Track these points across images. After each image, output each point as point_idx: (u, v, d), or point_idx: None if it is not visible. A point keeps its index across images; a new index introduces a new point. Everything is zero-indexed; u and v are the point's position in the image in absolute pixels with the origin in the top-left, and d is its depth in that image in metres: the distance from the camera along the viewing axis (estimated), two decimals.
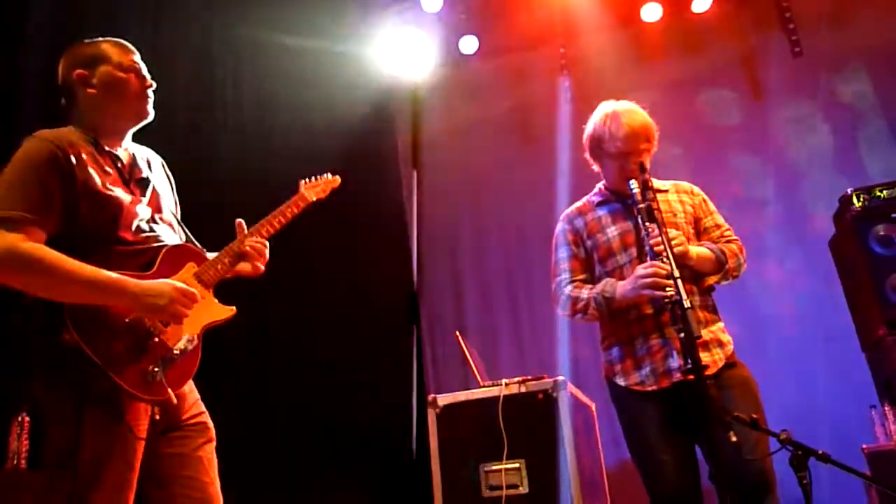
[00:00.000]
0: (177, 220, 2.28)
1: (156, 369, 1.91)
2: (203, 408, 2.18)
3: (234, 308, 2.18)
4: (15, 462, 2.95)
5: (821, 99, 5.22)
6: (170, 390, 1.92)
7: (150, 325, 1.94)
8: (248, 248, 2.26)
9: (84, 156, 2.00)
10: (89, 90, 2.10)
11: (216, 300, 2.17)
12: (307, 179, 2.64)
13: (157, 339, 1.95)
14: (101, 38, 2.19)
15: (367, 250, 4.96)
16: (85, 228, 1.94)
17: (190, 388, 2.16)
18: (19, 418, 2.96)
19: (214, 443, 2.16)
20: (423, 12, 5.38)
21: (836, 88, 5.21)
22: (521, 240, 5.59)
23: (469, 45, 5.66)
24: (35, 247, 1.83)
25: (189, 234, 2.27)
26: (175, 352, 1.98)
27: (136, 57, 2.20)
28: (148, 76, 2.19)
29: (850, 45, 5.17)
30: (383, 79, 5.83)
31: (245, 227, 2.33)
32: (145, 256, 2.03)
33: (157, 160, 2.32)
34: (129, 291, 1.88)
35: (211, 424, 2.17)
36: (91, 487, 1.81)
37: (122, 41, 2.20)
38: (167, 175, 2.35)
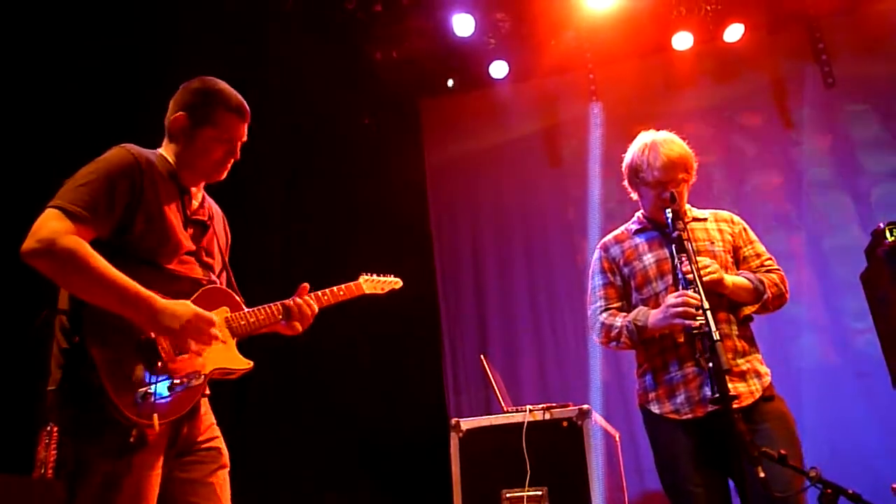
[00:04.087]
0: (226, 270, 2.30)
1: (149, 392, 1.87)
2: (218, 433, 2.16)
3: (251, 362, 2.16)
4: (42, 471, 2.99)
5: (853, 130, 5.17)
6: (155, 417, 1.86)
7: (160, 349, 1.93)
8: (294, 305, 2.27)
9: (157, 179, 2.06)
10: (182, 135, 2.15)
11: (237, 350, 2.16)
12: (368, 274, 2.69)
13: (161, 364, 1.92)
14: (222, 88, 2.18)
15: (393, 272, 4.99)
16: (134, 243, 1.98)
17: (206, 411, 2.15)
18: (48, 428, 3.01)
19: (228, 469, 2.13)
20: (454, 36, 5.43)
21: (869, 119, 5.16)
22: (545, 264, 5.57)
23: (499, 69, 5.71)
24: (77, 241, 1.86)
25: (235, 285, 2.30)
26: (175, 382, 1.94)
27: (244, 126, 2.21)
28: (238, 148, 2.21)
29: (884, 77, 5.13)
30: (414, 101, 5.91)
31: (308, 290, 2.35)
32: (183, 286, 2.05)
33: (220, 214, 2.37)
34: (151, 307, 1.89)
35: (225, 450, 2.14)
36: (107, 499, 1.82)
37: (239, 104, 2.19)
38: (226, 231, 2.39)
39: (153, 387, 1.89)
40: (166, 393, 1.92)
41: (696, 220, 2.75)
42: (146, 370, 1.90)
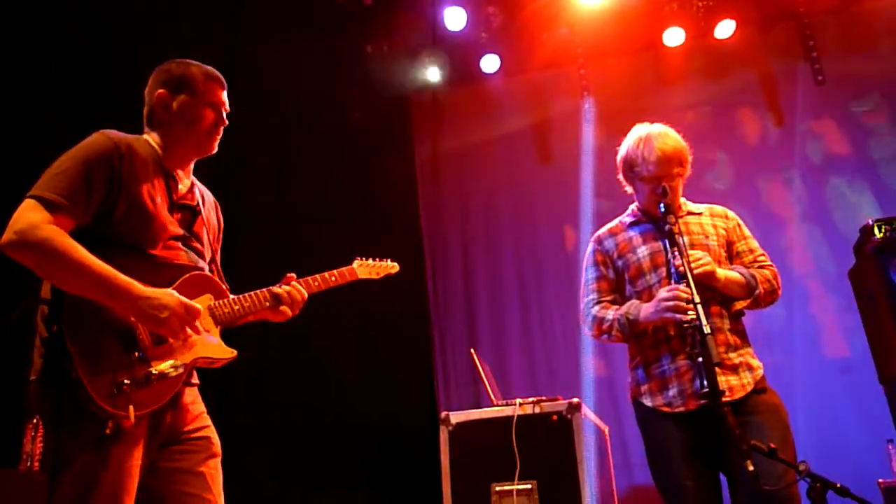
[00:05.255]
0: (213, 257, 2.26)
1: (126, 382, 1.83)
2: (208, 421, 2.11)
3: (234, 351, 2.11)
4: (29, 463, 2.96)
5: (843, 127, 5.20)
6: (131, 408, 1.81)
7: (139, 339, 1.90)
8: (284, 292, 2.24)
9: (139, 163, 2.02)
10: (166, 113, 2.13)
11: (220, 339, 2.12)
12: (362, 259, 2.63)
13: (140, 355, 1.89)
14: (194, 63, 2.20)
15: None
16: (117, 229, 1.95)
17: (193, 399, 2.11)
18: (34, 421, 2.97)
19: (219, 458, 2.09)
20: (446, 30, 5.41)
21: (858, 117, 5.20)
22: (535, 259, 5.58)
23: (490, 63, 5.69)
24: (55, 230, 1.83)
25: (220, 273, 2.27)
26: (154, 372, 1.90)
27: (223, 93, 2.21)
28: (225, 114, 2.21)
29: (874, 74, 5.16)
30: (404, 95, 5.89)
31: (295, 279, 2.31)
32: (167, 274, 2.01)
33: (211, 200, 2.33)
34: (132, 295, 1.86)
35: (216, 439, 2.10)
36: (85, 495, 1.79)
37: (214, 72, 2.21)
38: (218, 218, 2.35)
39: (130, 377, 1.85)
40: (144, 383, 1.88)
41: (690, 213, 2.76)
42: (124, 360, 1.87)
